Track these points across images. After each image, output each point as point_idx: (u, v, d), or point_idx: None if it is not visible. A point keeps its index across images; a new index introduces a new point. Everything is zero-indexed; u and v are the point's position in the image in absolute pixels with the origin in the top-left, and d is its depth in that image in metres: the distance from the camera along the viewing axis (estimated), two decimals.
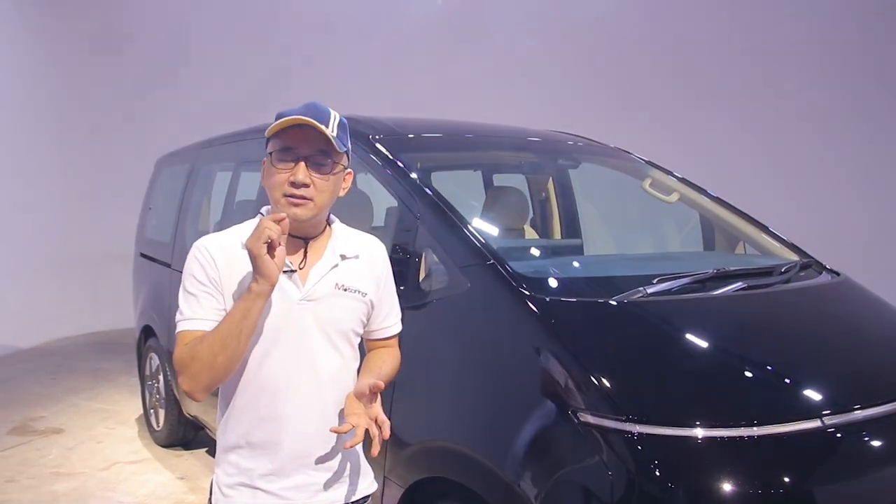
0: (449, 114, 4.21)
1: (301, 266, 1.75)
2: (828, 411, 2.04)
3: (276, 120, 1.69)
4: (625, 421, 1.93)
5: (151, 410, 5.02)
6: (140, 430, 5.21)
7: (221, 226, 4.09)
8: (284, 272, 1.70)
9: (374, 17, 9.00)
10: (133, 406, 5.73)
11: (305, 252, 1.76)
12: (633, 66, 8.32)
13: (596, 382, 2.02)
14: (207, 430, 4.33)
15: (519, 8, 8.67)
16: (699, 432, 1.92)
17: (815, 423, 2.00)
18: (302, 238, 1.76)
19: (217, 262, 1.71)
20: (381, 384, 1.67)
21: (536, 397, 2.13)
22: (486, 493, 2.17)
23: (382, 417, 1.66)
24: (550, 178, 4.22)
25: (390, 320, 1.92)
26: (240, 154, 4.17)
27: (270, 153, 1.70)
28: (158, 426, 4.89)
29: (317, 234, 1.79)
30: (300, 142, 1.67)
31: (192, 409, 4.38)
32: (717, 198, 3.60)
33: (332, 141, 1.67)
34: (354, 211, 3.71)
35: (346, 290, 1.77)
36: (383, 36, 8.88)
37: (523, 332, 2.24)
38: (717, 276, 2.58)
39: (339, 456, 1.78)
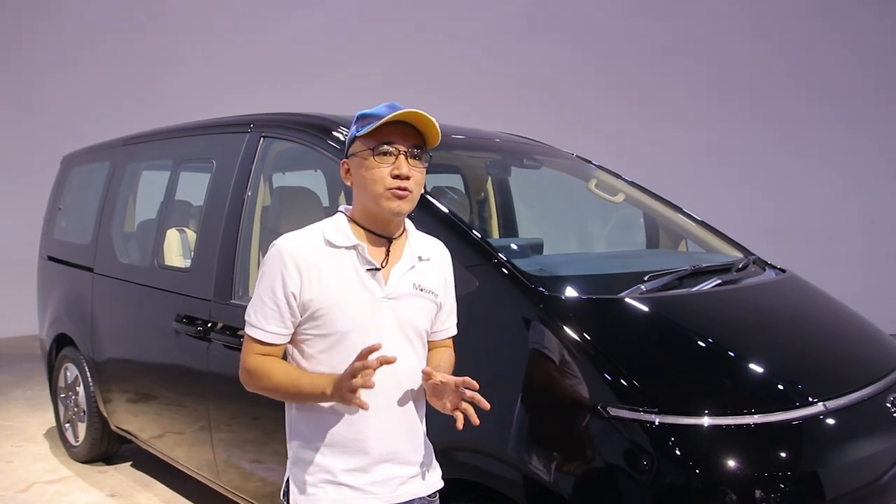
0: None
1: (383, 264, 1.78)
2: (827, 397, 2.17)
3: (365, 119, 1.73)
4: (655, 413, 1.99)
5: (68, 425, 4.70)
6: (53, 447, 4.88)
7: (158, 226, 3.90)
8: (368, 270, 1.75)
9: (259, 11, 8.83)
10: (38, 421, 5.36)
11: (388, 251, 1.80)
12: (559, 64, 8.53)
13: (623, 376, 2.07)
14: (139, 443, 4.11)
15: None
16: (722, 420, 2.00)
17: (819, 408, 2.13)
18: (386, 237, 1.79)
19: (301, 268, 1.71)
20: (475, 383, 1.69)
21: (561, 394, 2.15)
22: (513, 493, 2.17)
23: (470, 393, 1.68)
24: (489, 179, 4.27)
25: (450, 322, 1.96)
26: (179, 152, 3.98)
27: (369, 149, 1.72)
28: (77, 441, 4.58)
29: (398, 233, 1.83)
30: (398, 137, 1.72)
31: (122, 422, 4.15)
32: (661, 197, 3.75)
33: (436, 134, 1.74)
34: (298, 207, 3.65)
35: (422, 290, 1.82)
36: (268, 32, 8.74)
37: (541, 330, 2.26)
38: (695, 272, 2.71)
39: (420, 451, 1.84)
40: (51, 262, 4.99)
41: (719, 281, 2.70)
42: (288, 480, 1.84)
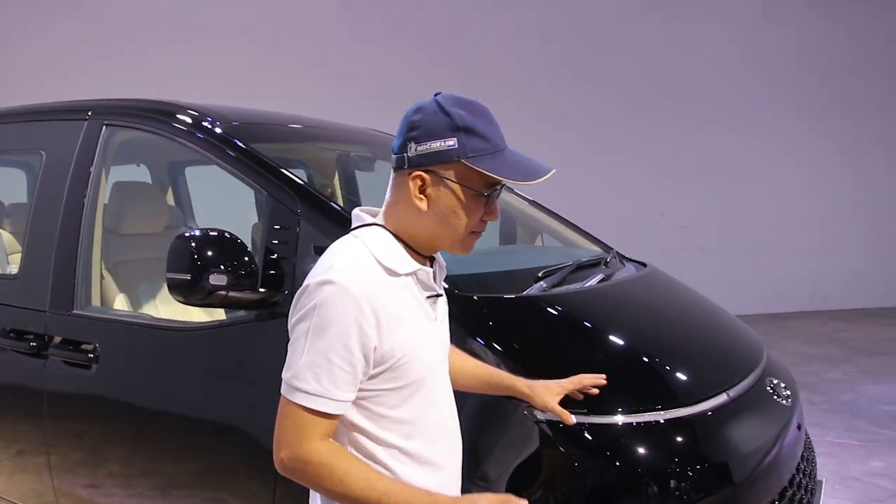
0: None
1: None
2: (728, 386, 2.26)
3: (481, 141, 1.45)
4: (582, 413, 1.96)
5: None
6: None
7: None
8: (430, 297, 1.58)
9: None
10: None
11: (434, 268, 1.61)
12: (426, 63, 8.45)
13: (547, 378, 2.02)
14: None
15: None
16: (640, 417, 2.02)
17: (724, 398, 2.21)
18: (430, 257, 1.61)
19: (378, 313, 1.40)
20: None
21: (482, 399, 2.06)
22: None
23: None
24: (337, 174, 4.11)
25: None
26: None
27: (475, 190, 1.46)
28: None
29: None
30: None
31: None
32: (515, 191, 3.77)
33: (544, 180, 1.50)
34: (141, 205, 3.33)
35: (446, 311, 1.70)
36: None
37: (458, 333, 2.15)
38: (579, 267, 2.73)
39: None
40: None
41: (602, 276, 2.73)
42: None
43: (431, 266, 1.58)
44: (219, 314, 2.84)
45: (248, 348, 2.34)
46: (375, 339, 1.40)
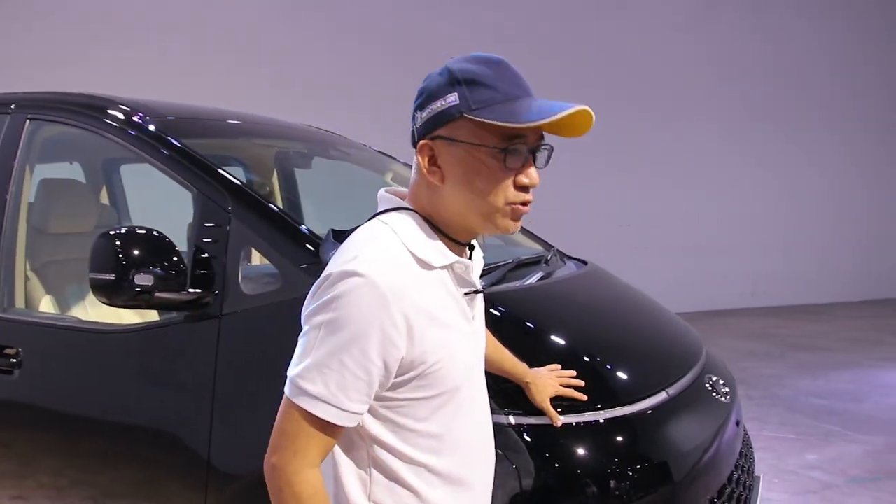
0: None
1: None
2: (668, 384, 2.26)
3: (481, 90, 1.23)
4: (519, 414, 1.93)
5: None
6: None
7: None
8: (467, 294, 1.36)
9: None
10: None
11: (471, 258, 1.42)
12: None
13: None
14: None
15: None
16: (580, 417, 1.99)
17: (664, 396, 2.20)
18: (467, 245, 1.38)
19: (408, 314, 1.20)
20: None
21: None
22: None
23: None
24: (275, 171, 4.02)
25: None
26: None
27: (491, 146, 1.24)
28: None
29: None
30: (527, 129, 1.24)
31: None
32: None
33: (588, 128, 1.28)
34: (76, 205, 3.21)
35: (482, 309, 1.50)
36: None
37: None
38: (519, 265, 2.71)
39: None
40: None
41: (542, 274, 2.71)
42: None
43: (470, 257, 1.40)
44: (152, 315, 2.75)
45: (178, 351, 2.26)
46: (404, 347, 1.20)
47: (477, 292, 1.38)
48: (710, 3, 10.54)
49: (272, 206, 2.36)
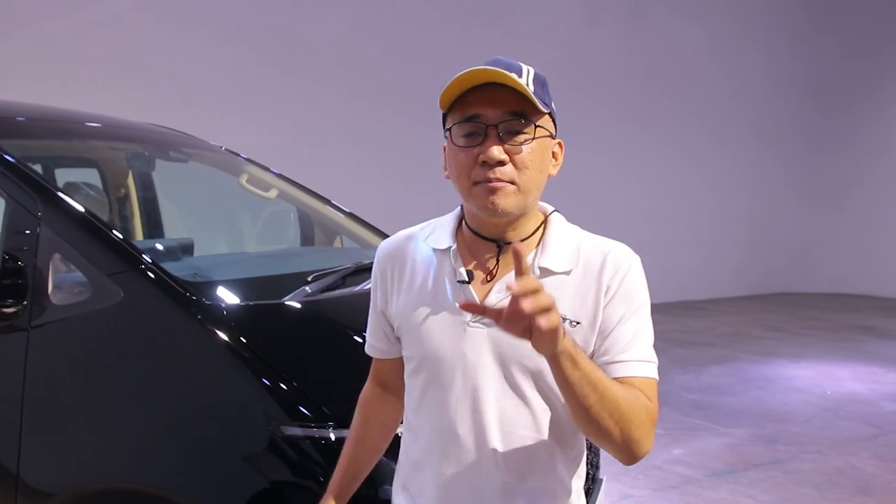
0: None
1: (488, 278, 1.35)
2: None
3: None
4: (329, 428, 1.90)
5: None
6: None
7: None
8: (460, 282, 1.35)
9: None
10: None
11: (498, 258, 1.35)
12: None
13: (294, 390, 1.95)
14: None
15: None
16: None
17: None
18: (496, 241, 1.36)
19: (386, 275, 1.47)
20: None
21: (225, 415, 1.96)
22: None
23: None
24: (130, 173, 3.87)
25: (625, 354, 1.32)
26: None
27: (449, 129, 1.33)
28: None
29: (520, 235, 1.36)
30: (486, 106, 1.27)
31: None
32: (316, 193, 3.67)
33: (530, 97, 1.26)
34: None
35: None
36: None
37: (198, 344, 2.04)
38: (358, 269, 2.67)
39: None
40: None
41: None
42: None
43: (497, 254, 1.35)
44: None
45: None
46: (380, 300, 1.48)
47: (466, 282, 1.35)
48: (591, 8, 10.72)
49: (83, 211, 2.25)
